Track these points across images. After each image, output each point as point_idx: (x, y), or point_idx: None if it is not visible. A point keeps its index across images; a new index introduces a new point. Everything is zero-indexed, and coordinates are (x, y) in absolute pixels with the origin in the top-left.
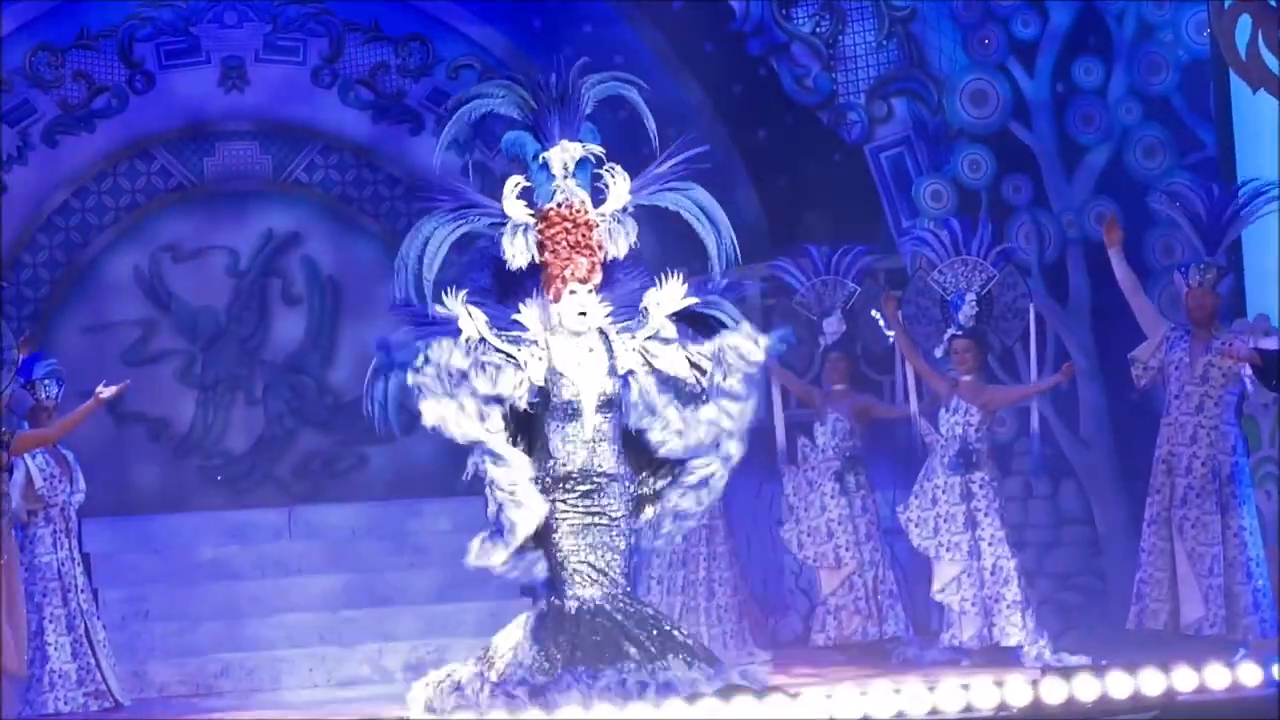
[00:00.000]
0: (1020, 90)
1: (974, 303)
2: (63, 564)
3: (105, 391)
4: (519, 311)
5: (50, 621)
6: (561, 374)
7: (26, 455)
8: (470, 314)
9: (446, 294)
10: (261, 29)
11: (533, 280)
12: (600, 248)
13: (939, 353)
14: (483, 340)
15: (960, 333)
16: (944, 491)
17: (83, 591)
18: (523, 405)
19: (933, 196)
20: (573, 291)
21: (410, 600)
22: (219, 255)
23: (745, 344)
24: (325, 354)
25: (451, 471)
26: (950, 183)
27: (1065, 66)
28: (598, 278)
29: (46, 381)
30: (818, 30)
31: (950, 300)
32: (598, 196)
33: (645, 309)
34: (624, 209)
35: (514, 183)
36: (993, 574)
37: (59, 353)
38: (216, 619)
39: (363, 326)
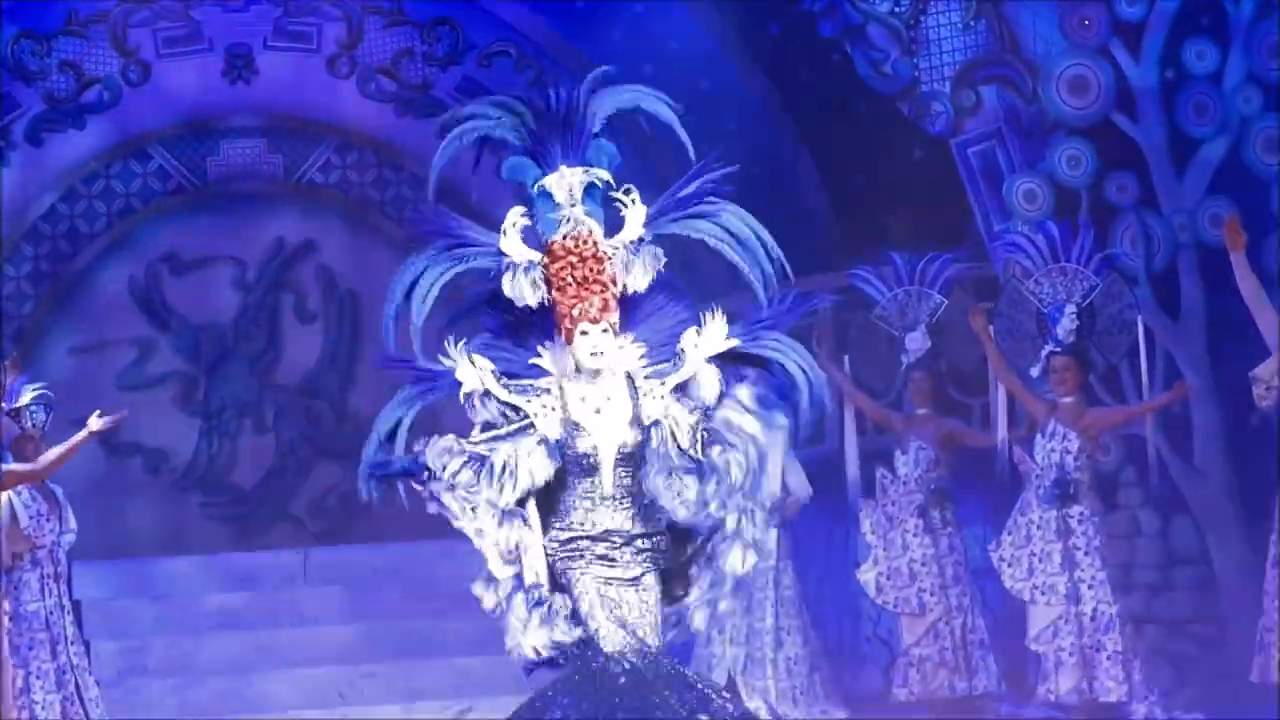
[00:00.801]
0: (1125, 77)
1: (1074, 315)
2: (51, 613)
3: (98, 423)
4: (539, 355)
5: (38, 677)
6: (578, 424)
7: (10, 491)
8: (474, 363)
9: (448, 342)
10: (271, 13)
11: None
12: (615, 282)
13: (1035, 371)
14: (487, 393)
15: (1059, 349)
16: (1039, 527)
17: (73, 643)
18: (549, 476)
19: (1027, 197)
20: (584, 332)
21: (440, 653)
22: (224, 266)
23: (735, 415)
24: (344, 376)
25: None
26: (1047, 181)
27: (1175, 50)
28: (614, 315)
29: (33, 408)
30: (897, 9)
31: (1047, 313)
32: (617, 224)
33: (682, 350)
34: (642, 239)
35: (513, 217)
36: (1093, 620)
37: (46, 376)
38: (223, 674)
39: (385, 345)
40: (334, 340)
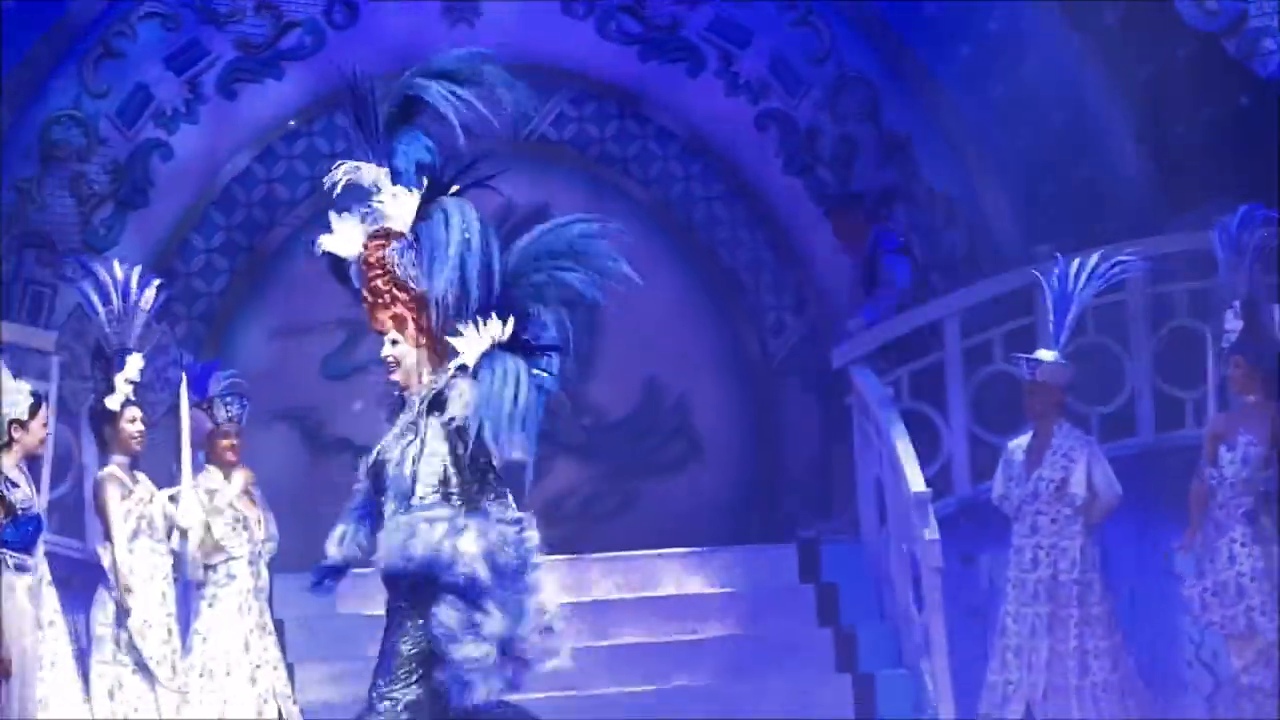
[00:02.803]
0: None
1: None
2: (250, 632)
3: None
4: None
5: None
6: None
7: (203, 490)
8: None
9: None
10: None
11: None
12: (409, 291)
13: None
14: None
15: None
16: None
17: (275, 668)
18: None
19: None
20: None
21: (695, 697)
22: None
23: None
24: (582, 361)
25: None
26: None
27: None
28: (411, 327)
29: (227, 399)
30: None
31: None
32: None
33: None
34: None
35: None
36: None
37: (240, 363)
38: None
39: (630, 324)
40: (571, 321)
